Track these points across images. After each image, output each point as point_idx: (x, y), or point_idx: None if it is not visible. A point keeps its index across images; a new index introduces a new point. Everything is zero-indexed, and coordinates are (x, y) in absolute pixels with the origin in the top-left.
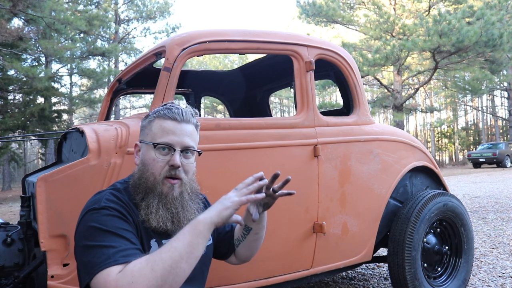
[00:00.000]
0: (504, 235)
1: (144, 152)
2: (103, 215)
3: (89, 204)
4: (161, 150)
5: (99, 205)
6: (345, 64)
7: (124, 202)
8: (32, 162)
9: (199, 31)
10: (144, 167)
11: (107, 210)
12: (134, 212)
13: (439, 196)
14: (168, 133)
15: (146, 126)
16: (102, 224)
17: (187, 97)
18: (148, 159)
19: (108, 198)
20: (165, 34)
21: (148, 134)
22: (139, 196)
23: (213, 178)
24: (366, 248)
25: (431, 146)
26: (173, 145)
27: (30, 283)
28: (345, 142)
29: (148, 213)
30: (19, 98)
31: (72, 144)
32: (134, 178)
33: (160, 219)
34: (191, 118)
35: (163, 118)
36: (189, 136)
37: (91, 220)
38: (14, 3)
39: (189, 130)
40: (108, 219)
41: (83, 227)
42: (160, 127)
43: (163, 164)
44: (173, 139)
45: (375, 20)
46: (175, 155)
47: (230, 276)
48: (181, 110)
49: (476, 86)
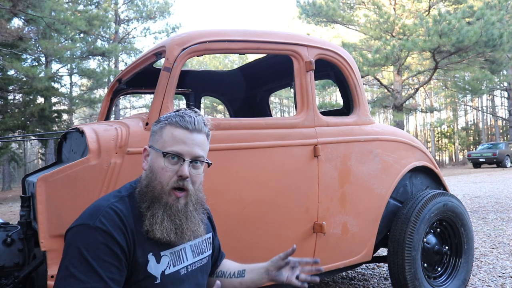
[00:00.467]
0: (504, 235)
1: (153, 158)
2: (92, 237)
3: (86, 216)
4: (171, 159)
5: (93, 223)
6: (345, 64)
7: (122, 220)
8: (32, 162)
9: (199, 31)
10: (152, 174)
11: (97, 234)
12: (133, 227)
13: (439, 196)
14: (178, 142)
15: (157, 132)
16: (86, 248)
17: (187, 97)
18: (157, 167)
19: (106, 215)
20: (165, 34)
21: (158, 141)
22: (145, 205)
23: (213, 178)
24: (366, 248)
25: (431, 146)
26: (183, 155)
27: (30, 283)
28: (345, 142)
29: (153, 223)
30: (19, 98)
31: (72, 144)
32: (142, 185)
33: (164, 230)
34: (203, 127)
35: (175, 126)
36: (199, 146)
37: (79, 239)
38: (14, 3)
39: (200, 140)
40: (94, 245)
41: (70, 240)
42: (171, 135)
43: (172, 174)
44: (183, 148)
45: (375, 20)
46: (184, 166)
47: None
48: (194, 119)
49: (476, 86)
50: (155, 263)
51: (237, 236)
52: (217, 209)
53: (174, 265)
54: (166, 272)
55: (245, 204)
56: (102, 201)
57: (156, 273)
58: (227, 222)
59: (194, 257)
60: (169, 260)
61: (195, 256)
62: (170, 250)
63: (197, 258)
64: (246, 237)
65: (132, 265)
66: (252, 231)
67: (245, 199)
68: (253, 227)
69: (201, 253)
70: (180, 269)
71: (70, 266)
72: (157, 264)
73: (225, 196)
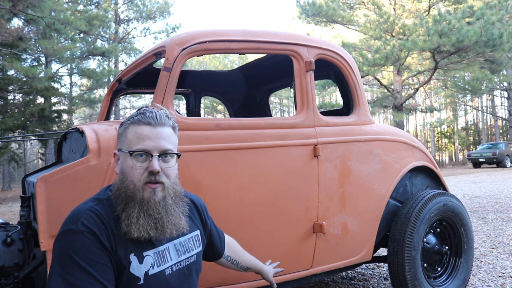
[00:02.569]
0: (504, 235)
1: (123, 160)
2: (79, 241)
3: (67, 221)
4: (139, 157)
5: (76, 226)
6: (345, 64)
7: (103, 221)
8: (32, 162)
9: (199, 31)
10: (123, 175)
11: (83, 236)
12: (113, 229)
13: (439, 196)
14: (143, 139)
15: (122, 134)
16: (76, 253)
17: (187, 97)
18: (127, 167)
19: (87, 217)
20: (165, 34)
21: (125, 142)
22: (119, 207)
23: (213, 178)
24: (366, 248)
25: (431, 146)
26: (150, 151)
27: (30, 283)
28: (345, 142)
29: (129, 224)
30: (19, 98)
31: (72, 144)
32: (115, 189)
33: (141, 228)
34: (166, 121)
35: (137, 124)
36: (166, 139)
37: (67, 245)
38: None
39: (166, 133)
40: (83, 248)
41: (58, 249)
42: (135, 133)
43: (142, 170)
44: (149, 144)
45: (375, 20)
46: (153, 161)
47: (229, 276)
48: (155, 114)
49: (476, 86)
50: (138, 263)
51: (237, 236)
52: (217, 209)
53: (158, 265)
54: (150, 273)
55: (245, 204)
56: (81, 206)
57: (139, 274)
58: (227, 222)
59: (179, 256)
60: (152, 260)
61: (180, 255)
62: (154, 250)
63: (182, 257)
64: (246, 237)
65: (116, 266)
66: (252, 231)
67: (245, 199)
68: (253, 227)
69: (187, 251)
70: (165, 269)
71: (65, 274)
72: (139, 265)
73: (225, 196)
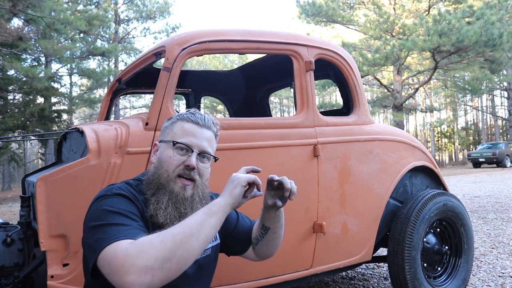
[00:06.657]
0: (504, 235)
1: (162, 150)
2: (115, 199)
3: (100, 193)
4: (179, 150)
5: (111, 192)
6: (345, 64)
7: (134, 195)
8: (32, 162)
9: (199, 31)
10: (159, 164)
11: (119, 197)
12: (143, 207)
13: (439, 196)
14: (188, 134)
15: (168, 127)
16: (113, 206)
17: (187, 97)
18: (165, 157)
19: (120, 187)
20: (165, 34)
21: (169, 134)
22: (150, 192)
23: (213, 178)
24: (366, 248)
25: (431, 146)
26: (192, 147)
27: (30, 283)
28: (345, 142)
29: (157, 208)
30: (19, 98)
31: (72, 144)
32: (148, 175)
33: (168, 215)
34: (212, 126)
35: (186, 121)
36: (208, 141)
37: (102, 204)
38: (14, 3)
39: (209, 135)
40: (120, 202)
41: (93, 211)
42: (182, 128)
43: (179, 163)
44: (193, 141)
45: (375, 20)
46: (192, 157)
47: (230, 276)
48: (204, 116)
49: (476, 86)
50: None
51: None
52: None
53: None
54: None
55: (245, 204)
56: (111, 185)
57: None
58: None
59: None
60: None
61: None
62: None
63: None
64: None
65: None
66: None
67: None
68: None
69: None
70: None
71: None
72: None
73: None
